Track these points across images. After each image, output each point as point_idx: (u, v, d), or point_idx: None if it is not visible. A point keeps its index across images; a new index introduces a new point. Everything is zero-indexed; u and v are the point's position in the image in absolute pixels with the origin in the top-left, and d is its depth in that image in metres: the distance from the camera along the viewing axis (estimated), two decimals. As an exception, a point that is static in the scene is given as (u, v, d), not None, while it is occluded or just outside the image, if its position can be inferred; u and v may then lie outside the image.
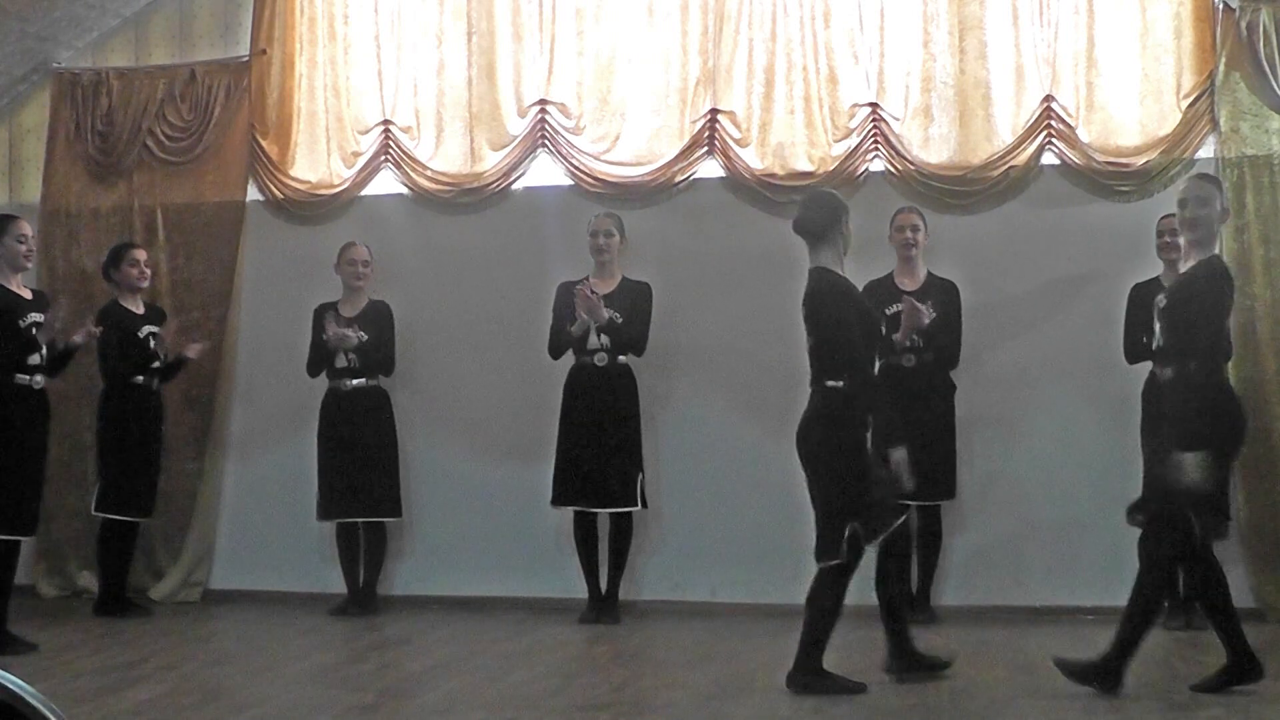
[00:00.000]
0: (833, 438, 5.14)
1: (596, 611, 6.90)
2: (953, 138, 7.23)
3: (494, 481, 7.43)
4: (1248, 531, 6.69)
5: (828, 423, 5.15)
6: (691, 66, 7.46)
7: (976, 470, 6.97)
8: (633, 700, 5.05)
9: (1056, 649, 5.94)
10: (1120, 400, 6.66)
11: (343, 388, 7.28)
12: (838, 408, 5.14)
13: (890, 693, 5.17)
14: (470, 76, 7.70)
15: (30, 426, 6.12)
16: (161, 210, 7.92)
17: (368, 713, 4.83)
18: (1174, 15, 7.05)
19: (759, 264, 7.31)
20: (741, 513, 7.20)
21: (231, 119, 7.89)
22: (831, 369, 5.17)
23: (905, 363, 6.74)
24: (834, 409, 5.15)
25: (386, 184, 7.83)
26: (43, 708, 1.68)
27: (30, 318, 6.18)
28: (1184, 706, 4.80)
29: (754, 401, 7.27)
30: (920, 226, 6.89)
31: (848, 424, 5.15)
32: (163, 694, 5.15)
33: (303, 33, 7.90)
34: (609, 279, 7.04)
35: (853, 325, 5.17)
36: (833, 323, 5.16)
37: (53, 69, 8.08)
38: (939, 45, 7.23)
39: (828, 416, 5.16)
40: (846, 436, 5.15)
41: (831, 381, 5.16)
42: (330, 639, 6.70)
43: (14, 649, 5.91)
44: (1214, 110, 6.92)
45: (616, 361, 6.94)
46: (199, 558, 7.75)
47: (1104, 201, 7.07)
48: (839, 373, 5.15)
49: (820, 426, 5.16)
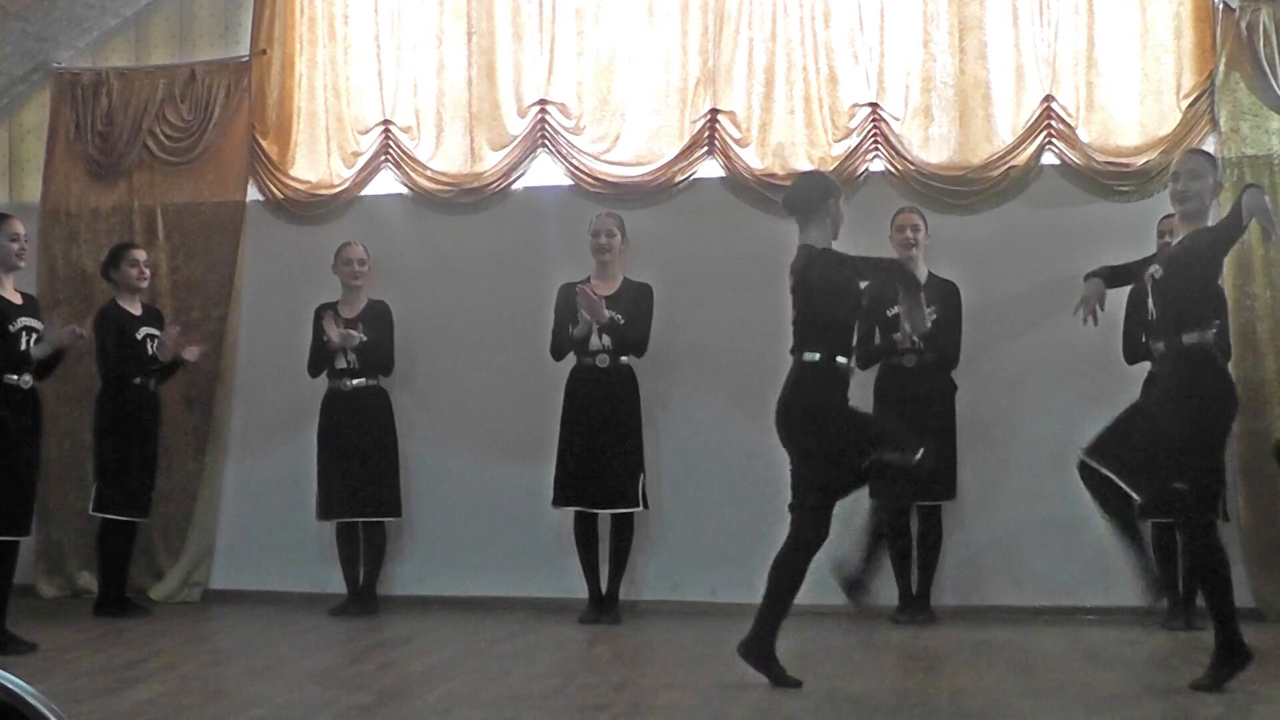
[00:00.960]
0: (813, 408, 5.19)
1: (597, 611, 6.90)
2: (953, 138, 7.24)
3: (494, 482, 7.43)
4: (1248, 531, 6.69)
5: (805, 394, 5.20)
6: (691, 66, 7.46)
7: (976, 470, 6.97)
8: (633, 700, 5.04)
9: (1056, 649, 5.96)
10: (1120, 400, 6.63)
11: (342, 388, 7.28)
12: (812, 379, 5.19)
13: (890, 693, 5.17)
14: (470, 76, 7.70)
15: (21, 426, 6.08)
16: (161, 210, 7.92)
17: (368, 713, 4.83)
18: (1174, 15, 7.06)
19: (759, 264, 7.30)
20: (741, 513, 7.19)
21: (231, 119, 7.89)
22: (811, 340, 5.21)
23: (906, 363, 6.75)
24: (809, 380, 5.20)
25: (386, 184, 7.84)
26: (43, 708, 1.67)
27: (20, 322, 6.09)
28: (1184, 706, 4.80)
29: (754, 402, 7.22)
30: (921, 227, 6.89)
31: (826, 393, 5.19)
32: (163, 694, 5.14)
33: (303, 33, 7.90)
34: (610, 279, 7.04)
35: (835, 296, 5.22)
36: (816, 293, 5.21)
37: (53, 69, 8.08)
38: (939, 45, 7.23)
39: (805, 388, 5.21)
40: (826, 404, 5.19)
41: (809, 354, 5.20)
42: (330, 639, 6.70)
43: (14, 649, 5.91)
44: (1214, 110, 6.92)
45: (618, 362, 6.94)
46: (199, 558, 7.75)
47: (1104, 201, 7.07)
48: (817, 345, 5.19)
49: (799, 399, 5.21)
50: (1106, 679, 5.33)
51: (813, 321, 5.23)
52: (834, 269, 5.22)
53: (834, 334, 5.23)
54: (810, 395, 5.19)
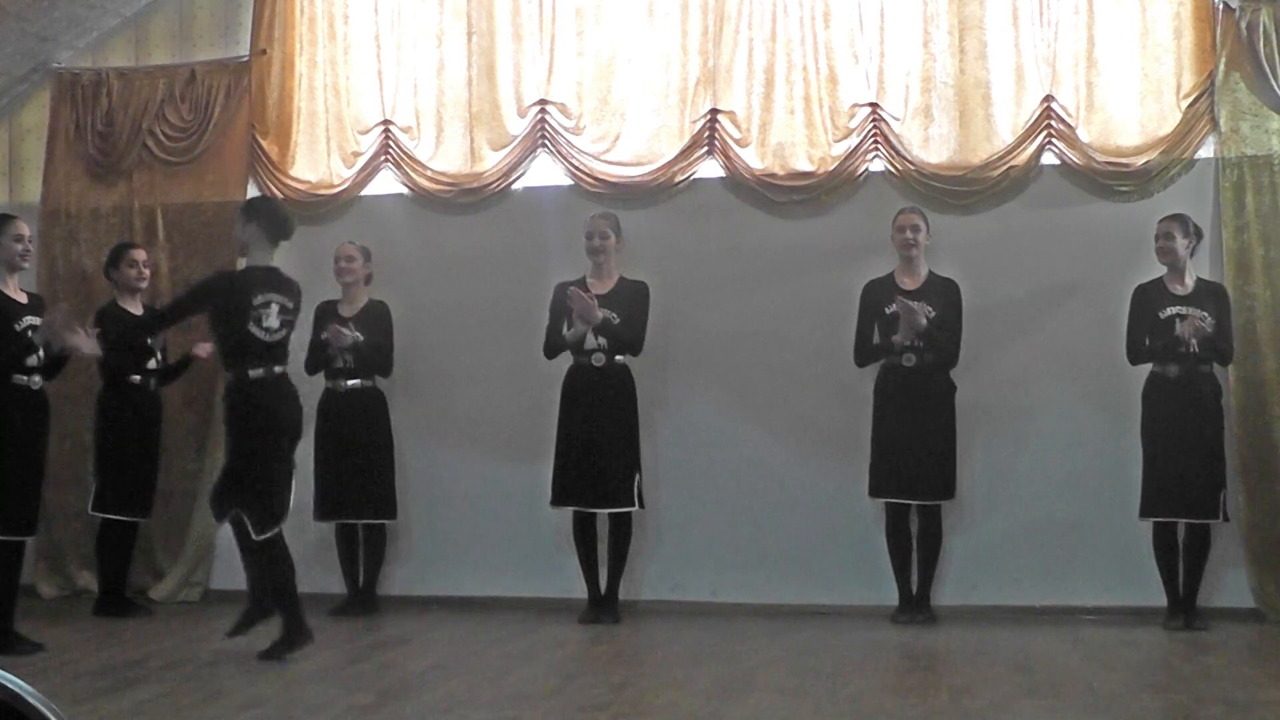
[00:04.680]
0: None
1: (596, 611, 6.90)
2: (953, 138, 7.23)
3: (493, 482, 7.43)
4: (1248, 531, 6.69)
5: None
6: (691, 66, 7.46)
7: (976, 470, 6.97)
8: (633, 700, 5.04)
9: (1056, 649, 5.96)
10: (1120, 400, 6.67)
11: (339, 388, 7.27)
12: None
13: (890, 693, 5.17)
14: (470, 76, 7.70)
15: (28, 427, 6.10)
16: (161, 210, 7.92)
17: (368, 713, 4.83)
18: (1174, 15, 7.05)
19: (759, 264, 7.32)
20: (741, 513, 7.20)
21: (231, 119, 7.89)
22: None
23: (905, 363, 6.75)
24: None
25: (386, 184, 7.83)
26: (43, 708, 1.67)
27: (26, 321, 6.13)
28: (1184, 706, 4.80)
29: (753, 401, 7.27)
30: (921, 227, 6.89)
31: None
32: (163, 694, 5.14)
33: (303, 33, 7.90)
34: (606, 279, 7.04)
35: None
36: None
37: (53, 69, 8.08)
38: (939, 45, 7.23)
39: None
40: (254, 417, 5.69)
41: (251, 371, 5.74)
42: (330, 639, 6.68)
43: (20, 649, 5.91)
44: (1214, 110, 6.91)
45: (614, 361, 6.93)
46: (199, 558, 7.74)
47: (1104, 201, 7.06)
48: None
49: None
50: (1106, 679, 5.33)
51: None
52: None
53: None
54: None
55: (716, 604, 7.11)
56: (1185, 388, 6.47)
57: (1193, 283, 6.57)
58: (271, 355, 5.76)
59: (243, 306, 5.68)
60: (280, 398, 5.80)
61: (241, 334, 5.69)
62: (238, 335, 5.70)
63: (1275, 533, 6.70)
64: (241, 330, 5.68)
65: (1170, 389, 6.49)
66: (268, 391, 5.75)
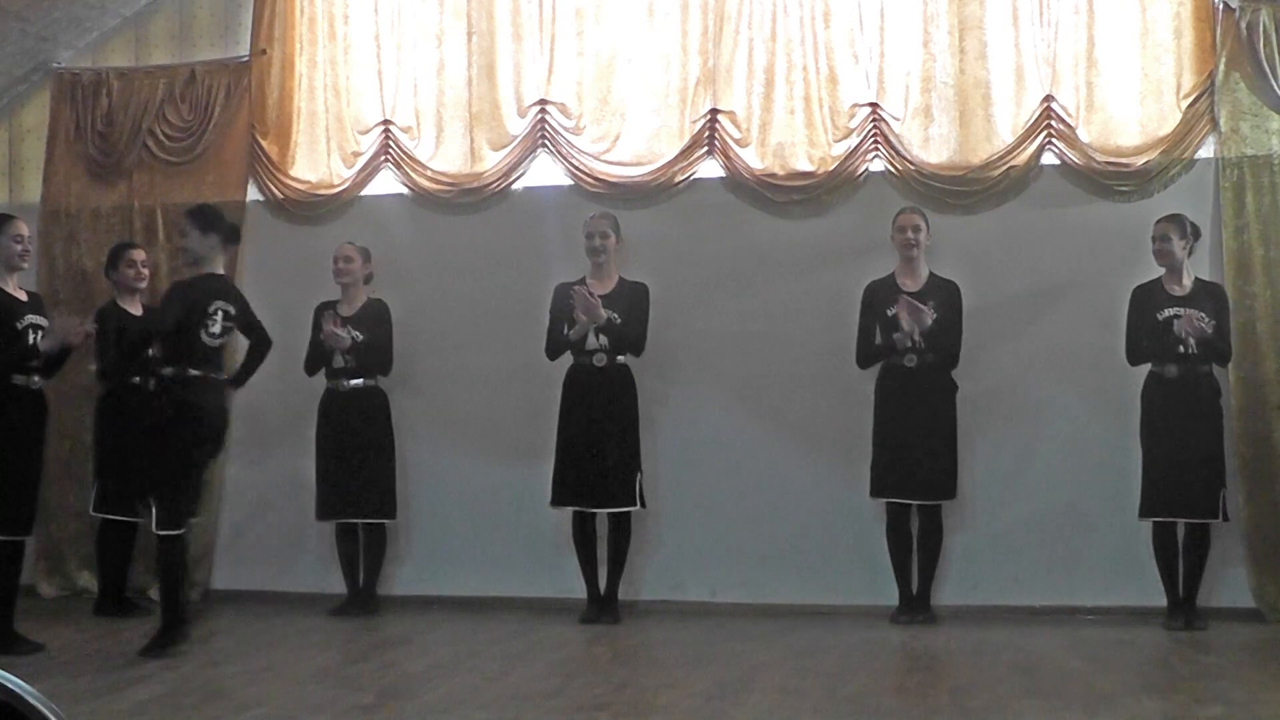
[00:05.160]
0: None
1: (596, 611, 6.90)
2: (953, 138, 7.23)
3: (493, 482, 7.42)
4: (1248, 531, 6.69)
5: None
6: (691, 66, 7.46)
7: (977, 470, 6.97)
8: (633, 700, 5.04)
9: (1056, 649, 5.96)
10: (1120, 400, 6.67)
11: (340, 388, 7.27)
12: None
13: (890, 693, 5.18)
14: (470, 76, 7.70)
15: (28, 427, 6.10)
16: (161, 210, 7.92)
17: (368, 713, 4.83)
18: (1174, 15, 7.05)
19: (759, 264, 7.32)
20: (741, 513, 7.20)
21: (231, 119, 7.89)
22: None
23: (907, 363, 6.75)
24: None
25: (386, 184, 7.83)
26: (43, 708, 1.67)
27: (27, 319, 6.14)
28: (1184, 706, 4.80)
29: (753, 401, 7.27)
30: (922, 227, 6.88)
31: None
32: (163, 694, 5.14)
33: (303, 33, 7.90)
34: (606, 279, 7.04)
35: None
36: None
37: (53, 69, 8.08)
38: (939, 45, 7.23)
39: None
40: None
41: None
42: (330, 639, 6.70)
43: (20, 649, 5.91)
44: (1214, 110, 6.91)
45: (615, 362, 6.93)
46: (199, 558, 7.72)
47: (1104, 201, 7.06)
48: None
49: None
50: (1106, 679, 5.33)
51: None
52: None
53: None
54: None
55: (716, 604, 7.11)
56: (1184, 388, 6.47)
57: (1191, 283, 6.57)
58: (211, 359, 6.07)
59: (198, 315, 5.97)
60: (213, 399, 6.09)
61: (191, 339, 5.97)
62: (188, 340, 5.97)
63: (1275, 533, 6.70)
64: (192, 336, 5.97)
65: (1169, 389, 6.49)
66: (205, 391, 6.02)
